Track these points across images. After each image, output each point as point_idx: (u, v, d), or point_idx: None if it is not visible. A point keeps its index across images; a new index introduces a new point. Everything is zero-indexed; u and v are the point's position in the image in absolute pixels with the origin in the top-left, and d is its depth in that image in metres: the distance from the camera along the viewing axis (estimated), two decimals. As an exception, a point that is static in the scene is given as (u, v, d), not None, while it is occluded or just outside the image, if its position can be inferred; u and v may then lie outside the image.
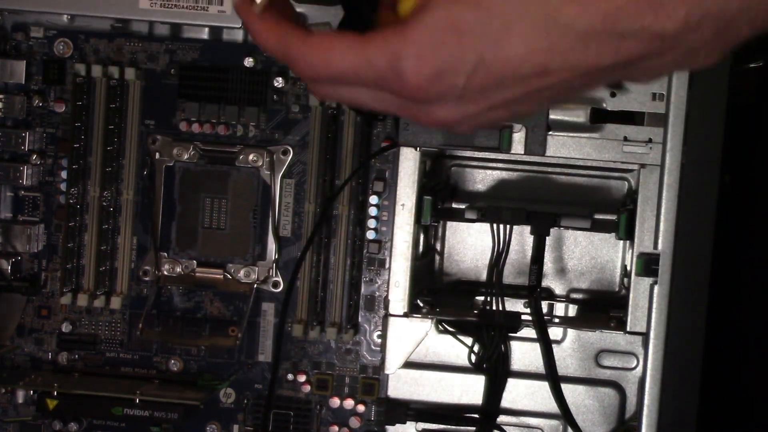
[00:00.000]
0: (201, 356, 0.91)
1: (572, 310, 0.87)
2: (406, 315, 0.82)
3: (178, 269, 0.90)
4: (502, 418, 0.83)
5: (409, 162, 0.82)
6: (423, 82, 0.51)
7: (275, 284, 0.90)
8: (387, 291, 0.84)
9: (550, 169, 0.87)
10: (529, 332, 0.82)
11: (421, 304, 0.84)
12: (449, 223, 0.89)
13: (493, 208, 0.81)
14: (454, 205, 0.87)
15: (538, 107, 0.54)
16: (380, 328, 0.89)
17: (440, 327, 0.84)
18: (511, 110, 0.54)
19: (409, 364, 0.83)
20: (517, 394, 0.83)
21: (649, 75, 0.52)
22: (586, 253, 0.88)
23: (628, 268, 0.83)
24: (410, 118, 0.55)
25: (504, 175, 0.88)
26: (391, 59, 0.51)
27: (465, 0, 0.51)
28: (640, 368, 0.82)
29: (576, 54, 0.50)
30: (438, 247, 0.90)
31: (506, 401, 0.83)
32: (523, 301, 0.84)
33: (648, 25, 0.49)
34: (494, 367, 0.82)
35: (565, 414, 0.81)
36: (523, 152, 0.80)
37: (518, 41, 0.50)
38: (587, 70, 0.50)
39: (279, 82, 0.89)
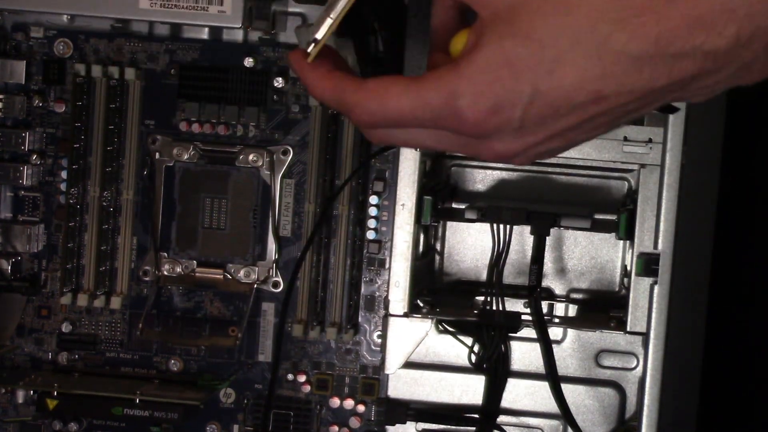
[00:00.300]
0: (201, 356, 0.91)
1: (572, 310, 0.87)
2: (406, 315, 0.82)
3: (178, 269, 0.90)
4: (502, 418, 0.83)
5: (409, 162, 0.82)
6: (481, 118, 0.52)
7: (275, 284, 0.90)
8: (387, 291, 0.84)
9: (550, 169, 0.87)
10: (529, 332, 0.82)
11: (421, 304, 0.84)
12: (449, 223, 0.89)
13: (493, 208, 0.81)
14: (454, 205, 0.87)
15: (594, 133, 0.55)
16: (380, 328, 0.89)
17: (440, 327, 0.84)
18: (568, 139, 0.54)
19: (409, 364, 0.83)
20: (517, 394, 0.83)
21: (703, 94, 0.53)
22: (586, 253, 0.88)
23: (628, 268, 0.83)
24: (470, 154, 0.56)
25: (504, 175, 0.88)
26: (448, 98, 0.53)
27: (516, 34, 0.52)
28: (640, 368, 0.82)
29: (630, 78, 0.51)
30: (438, 247, 0.90)
31: (506, 401, 0.83)
32: (523, 301, 0.84)
33: (700, 44, 0.49)
34: (494, 367, 0.82)
35: (565, 414, 0.81)
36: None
37: (571, 70, 0.51)
38: (642, 93, 0.51)
39: (279, 82, 0.89)
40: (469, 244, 0.90)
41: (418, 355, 0.83)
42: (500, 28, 0.52)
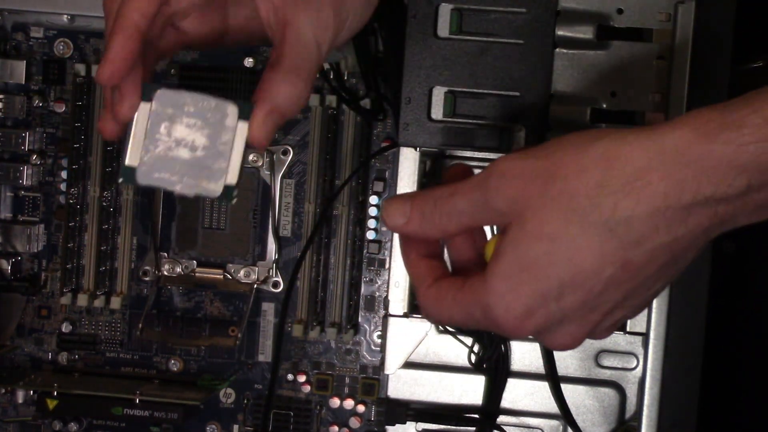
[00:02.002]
0: (201, 356, 0.91)
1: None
2: (406, 315, 0.82)
3: (178, 269, 0.90)
4: (502, 418, 0.83)
5: (409, 162, 0.82)
6: (517, 324, 0.55)
7: (275, 284, 0.90)
8: (387, 291, 0.83)
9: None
10: (529, 332, 0.82)
11: (421, 304, 0.84)
12: (449, 223, 0.89)
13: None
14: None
15: (655, 292, 0.56)
16: (380, 328, 0.89)
17: (440, 327, 0.84)
18: (630, 306, 0.56)
19: (409, 364, 0.83)
20: (517, 394, 0.83)
21: (729, 227, 0.53)
22: (586, 253, 0.88)
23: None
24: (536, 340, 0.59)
25: (504, 175, 0.88)
26: (485, 311, 0.55)
27: (526, 237, 0.54)
28: (640, 368, 0.82)
29: (648, 240, 0.52)
30: (438, 247, 0.90)
31: (506, 401, 0.83)
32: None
33: (711, 194, 0.50)
34: (494, 367, 0.82)
35: (565, 414, 0.81)
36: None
37: (589, 252, 0.52)
38: (667, 248, 0.52)
39: (279, 82, 0.89)
40: (469, 244, 0.90)
41: (418, 355, 0.83)
42: (513, 233, 0.54)
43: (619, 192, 0.51)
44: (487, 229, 0.64)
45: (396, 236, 0.83)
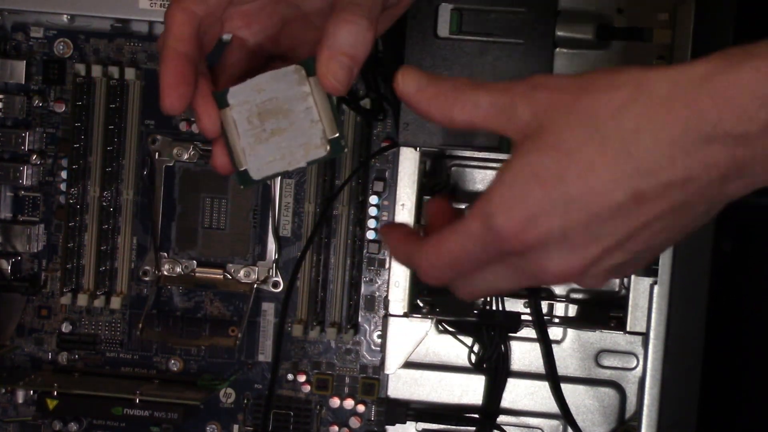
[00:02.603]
0: (201, 356, 0.91)
1: (572, 310, 0.87)
2: (406, 315, 0.82)
3: (178, 269, 0.90)
4: (502, 418, 0.83)
5: (409, 162, 0.82)
6: (517, 231, 0.52)
7: (275, 284, 0.90)
8: (387, 291, 0.84)
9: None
10: (529, 332, 0.82)
11: (421, 304, 0.84)
12: (449, 223, 0.89)
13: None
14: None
15: (660, 243, 0.54)
16: (380, 328, 0.89)
17: (440, 327, 0.84)
18: (630, 251, 0.54)
19: (409, 364, 0.83)
20: (517, 394, 0.83)
21: (748, 187, 0.52)
22: (586, 253, 0.88)
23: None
24: (532, 282, 0.55)
25: (504, 175, 0.88)
26: (484, 221, 0.53)
27: (541, 148, 0.52)
28: (640, 368, 0.82)
29: (664, 171, 0.50)
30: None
31: (506, 401, 0.83)
32: (523, 301, 0.84)
33: (730, 128, 0.49)
34: (494, 367, 0.82)
35: (565, 414, 0.81)
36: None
37: (603, 171, 0.51)
38: (681, 186, 0.51)
39: (279, 82, 0.89)
40: (469, 244, 0.90)
41: (418, 355, 0.83)
42: (527, 146, 0.53)
43: (642, 116, 0.50)
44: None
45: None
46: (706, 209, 0.53)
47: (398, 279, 0.83)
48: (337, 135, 0.59)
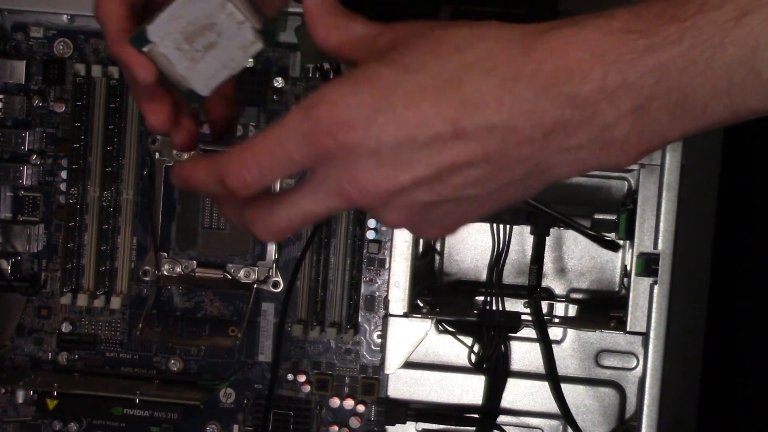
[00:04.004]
0: (201, 356, 0.91)
1: (572, 310, 0.87)
2: (406, 315, 0.82)
3: (178, 269, 0.90)
4: (502, 418, 0.83)
5: (409, 162, 0.82)
6: (332, 126, 0.50)
7: (275, 284, 0.90)
8: (387, 291, 0.84)
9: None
10: (529, 332, 0.82)
11: (421, 304, 0.84)
12: (449, 223, 0.89)
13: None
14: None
15: (469, 201, 0.52)
16: (380, 328, 0.89)
17: (440, 327, 0.84)
18: (439, 195, 0.52)
19: (409, 364, 0.83)
20: (517, 394, 0.83)
21: (567, 163, 0.50)
22: (586, 253, 0.89)
23: (628, 268, 0.83)
24: (339, 192, 0.52)
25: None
26: (306, 110, 0.51)
27: (383, 60, 0.51)
28: (640, 368, 0.82)
29: (490, 109, 0.49)
30: (438, 247, 0.90)
31: (506, 401, 0.83)
32: (523, 301, 0.84)
33: (562, 84, 0.48)
34: (494, 367, 0.82)
35: (565, 414, 0.81)
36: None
37: (431, 95, 0.50)
38: (503, 134, 0.49)
39: (279, 82, 0.89)
40: (469, 244, 0.90)
41: (418, 355, 0.83)
42: (371, 58, 0.52)
43: (483, 52, 0.49)
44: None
45: (396, 236, 0.83)
46: (523, 174, 0.51)
47: (398, 279, 0.83)
48: (265, 24, 0.59)
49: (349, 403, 0.90)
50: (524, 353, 0.83)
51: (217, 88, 0.60)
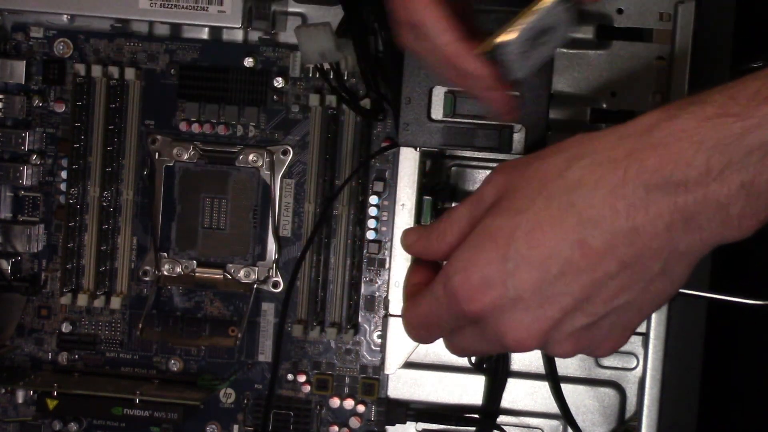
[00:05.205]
0: (201, 356, 0.91)
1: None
2: (406, 315, 0.82)
3: (178, 269, 0.90)
4: (502, 418, 0.83)
5: (409, 162, 0.82)
6: (471, 293, 0.53)
7: (275, 284, 0.90)
8: (387, 291, 0.84)
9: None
10: (529, 332, 0.82)
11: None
12: (449, 223, 0.89)
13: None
14: (454, 205, 0.87)
15: (626, 310, 0.54)
16: (380, 328, 0.89)
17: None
18: (593, 314, 0.53)
19: (409, 364, 0.83)
20: (517, 394, 0.83)
21: (697, 244, 0.52)
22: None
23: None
24: (498, 345, 0.56)
25: (504, 175, 0.88)
26: (445, 282, 0.54)
27: (497, 212, 0.53)
28: (640, 368, 0.82)
29: (607, 219, 0.50)
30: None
31: (506, 401, 0.83)
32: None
33: (670, 173, 0.49)
34: (494, 367, 0.82)
35: (565, 414, 0.81)
36: (523, 152, 0.80)
37: (548, 226, 0.51)
38: (628, 238, 0.50)
39: (279, 82, 0.89)
40: (469, 244, 0.90)
41: (418, 355, 0.83)
42: (489, 212, 0.54)
43: (585, 169, 0.51)
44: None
45: (396, 236, 0.83)
46: (661, 267, 0.52)
47: (398, 279, 0.83)
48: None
49: (349, 403, 0.90)
50: (524, 353, 0.83)
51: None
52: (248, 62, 0.89)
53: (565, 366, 0.83)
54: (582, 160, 0.51)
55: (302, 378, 0.90)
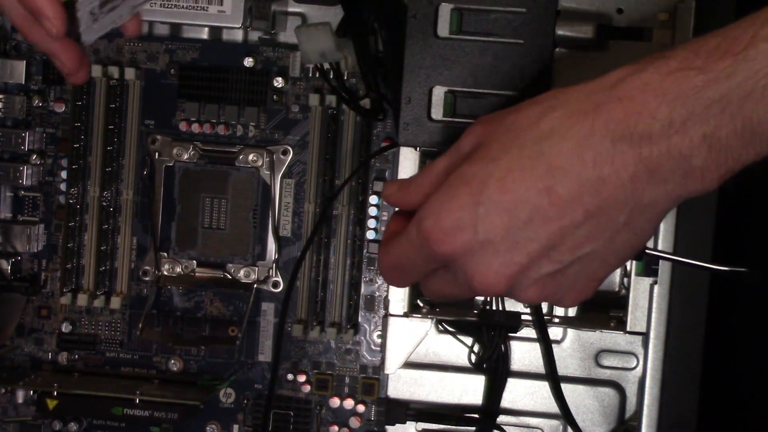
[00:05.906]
0: (201, 356, 0.91)
1: (572, 310, 0.87)
2: (406, 315, 0.82)
3: (178, 269, 0.90)
4: (502, 418, 0.83)
5: (409, 162, 0.82)
6: (442, 235, 0.55)
7: (275, 284, 0.90)
8: (387, 291, 0.83)
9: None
10: (529, 332, 0.82)
11: (421, 304, 0.84)
12: (449, 223, 0.89)
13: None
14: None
15: (591, 258, 0.55)
16: (380, 328, 0.89)
17: (440, 327, 0.84)
18: (560, 261, 0.55)
19: (409, 364, 0.83)
20: (517, 394, 0.83)
21: (662, 197, 0.53)
22: (586, 253, 0.88)
23: (628, 268, 0.83)
24: (468, 288, 0.57)
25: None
26: (418, 224, 0.56)
27: (473, 160, 0.55)
28: (640, 368, 0.82)
29: (575, 168, 0.52)
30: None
31: (506, 401, 0.83)
32: (523, 301, 0.84)
33: (634, 126, 0.51)
34: (494, 367, 0.82)
35: (565, 414, 0.81)
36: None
37: (518, 173, 0.53)
38: (595, 186, 0.52)
39: (279, 82, 0.89)
40: (469, 244, 0.90)
41: (418, 355, 0.83)
42: (465, 161, 0.56)
43: (557, 119, 0.53)
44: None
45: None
46: (626, 219, 0.53)
47: (398, 279, 0.82)
48: None
49: (349, 403, 0.90)
50: (524, 353, 0.83)
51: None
52: (248, 62, 0.89)
53: (565, 366, 0.83)
54: (554, 111, 0.53)
55: (302, 378, 0.90)
